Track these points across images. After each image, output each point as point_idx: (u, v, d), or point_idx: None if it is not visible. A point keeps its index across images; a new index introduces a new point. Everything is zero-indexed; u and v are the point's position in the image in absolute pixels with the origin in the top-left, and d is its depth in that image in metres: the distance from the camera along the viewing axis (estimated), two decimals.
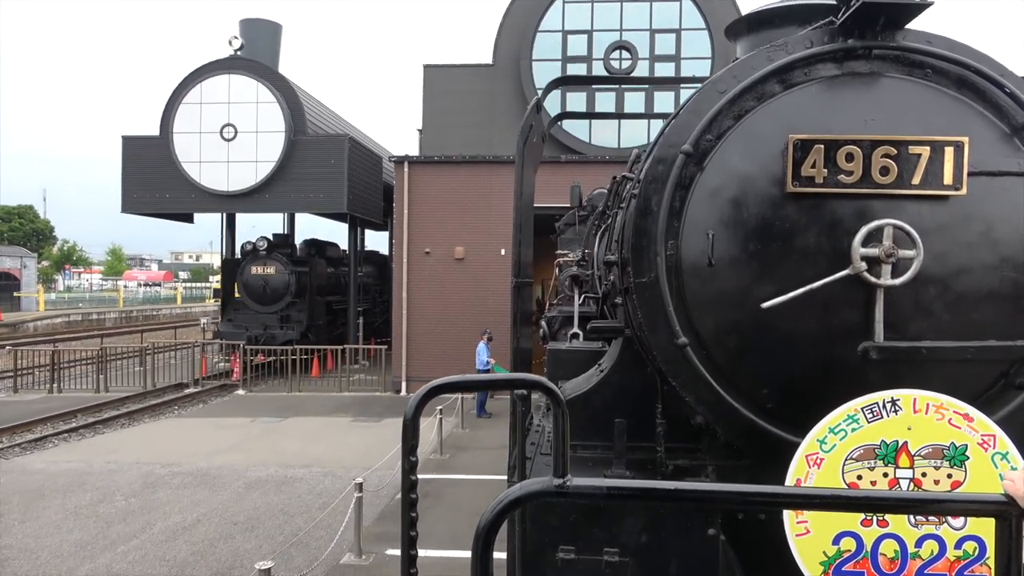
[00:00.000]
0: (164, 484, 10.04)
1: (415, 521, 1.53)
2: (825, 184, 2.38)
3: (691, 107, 2.49)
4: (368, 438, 12.90)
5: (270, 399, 17.17)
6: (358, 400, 16.97)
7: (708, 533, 2.38)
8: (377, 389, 18.01)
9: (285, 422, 14.45)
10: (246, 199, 20.43)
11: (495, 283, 17.65)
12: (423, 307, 17.98)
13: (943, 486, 2.24)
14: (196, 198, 20.48)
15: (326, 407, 16.00)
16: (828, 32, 2.47)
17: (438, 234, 17.86)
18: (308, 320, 21.66)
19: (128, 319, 41.47)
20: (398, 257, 18.21)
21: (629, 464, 2.61)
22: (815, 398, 2.34)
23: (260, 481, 10.16)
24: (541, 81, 20.47)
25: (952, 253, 2.40)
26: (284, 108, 19.93)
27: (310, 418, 14.86)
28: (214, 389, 18.19)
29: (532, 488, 1.42)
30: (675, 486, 1.60)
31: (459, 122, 20.66)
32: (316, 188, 20.18)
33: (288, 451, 11.92)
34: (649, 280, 2.49)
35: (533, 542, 2.41)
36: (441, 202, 17.88)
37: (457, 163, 18.07)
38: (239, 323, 21.11)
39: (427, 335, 17.92)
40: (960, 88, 2.47)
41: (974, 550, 2.20)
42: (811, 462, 2.28)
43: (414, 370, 17.88)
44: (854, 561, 2.22)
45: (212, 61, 20.40)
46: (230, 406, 16.41)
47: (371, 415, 15.23)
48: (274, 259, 21.48)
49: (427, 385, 1.53)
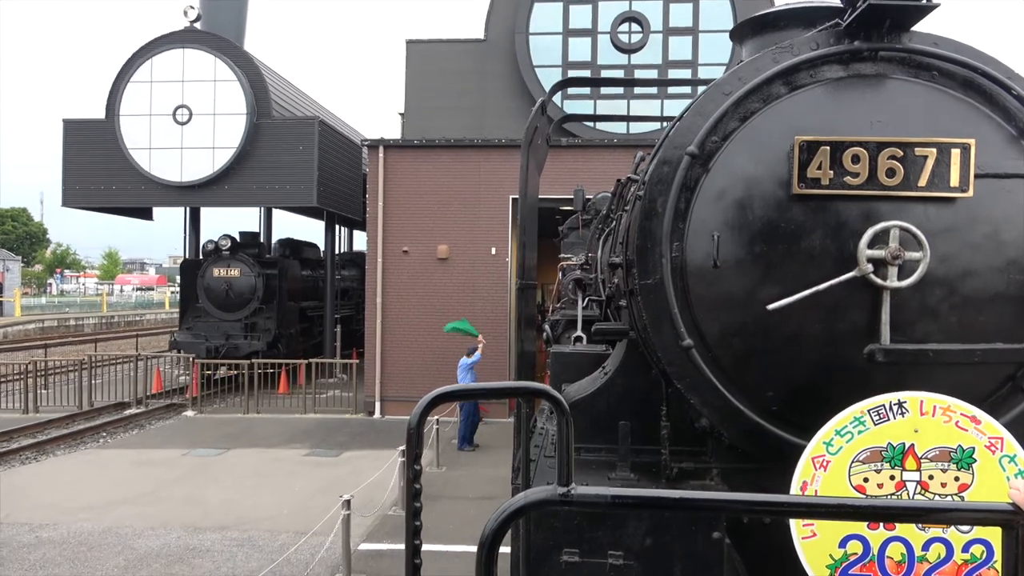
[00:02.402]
0: (14, 560, 8.67)
1: (419, 530, 1.80)
2: (831, 186, 2.76)
3: (696, 108, 2.88)
4: (317, 482, 12.04)
5: (221, 423, 16.78)
6: (323, 425, 16.62)
7: (713, 536, 2.73)
8: (348, 410, 17.76)
9: (225, 456, 13.77)
10: (202, 191, 20.50)
11: (484, 286, 17.48)
12: (401, 315, 17.66)
13: (950, 489, 2.59)
14: (146, 190, 20.53)
15: (282, 434, 15.61)
16: (834, 34, 2.86)
17: (418, 230, 17.59)
18: (277, 328, 21.73)
19: (109, 325, 43.18)
20: (372, 257, 17.93)
21: (633, 467, 3.00)
22: (821, 400, 2.71)
23: (150, 555, 8.86)
24: (539, 58, 20.52)
25: (959, 255, 2.78)
26: (246, 87, 20.04)
27: (257, 450, 14.19)
28: (160, 409, 17.99)
29: (536, 497, 1.61)
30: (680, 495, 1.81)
31: (446, 105, 20.64)
32: (282, 179, 20.21)
33: (209, 503, 10.85)
34: (654, 282, 2.86)
35: (537, 545, 2.76)
36: (422, 193, 17.60)
37: (441, 147, 17.76)
38: (198, 332, 21.21)
39: (405, 348, 17.57)
40: (967, 90, 2.86)
41: (982, 554, 2.53)
42: (817, 464, 2.63)
43: (391, 388, 17.62)
44: (861, 564, 2.54)
45: (165, 34, 20.54)
46: (169, 432, 16.04)
47: (331, 446, 14.66)
48: (239, 260, 21.50)
49: (432, 393, 1.81)
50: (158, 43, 20.50)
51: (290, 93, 23.74)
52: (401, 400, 17.40)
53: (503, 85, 20.74)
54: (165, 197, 21.07)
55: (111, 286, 73.28)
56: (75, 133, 20.90)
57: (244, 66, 20.39)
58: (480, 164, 17.45)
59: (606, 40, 20.64)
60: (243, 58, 20.60)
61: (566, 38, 20.86)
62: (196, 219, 24.90)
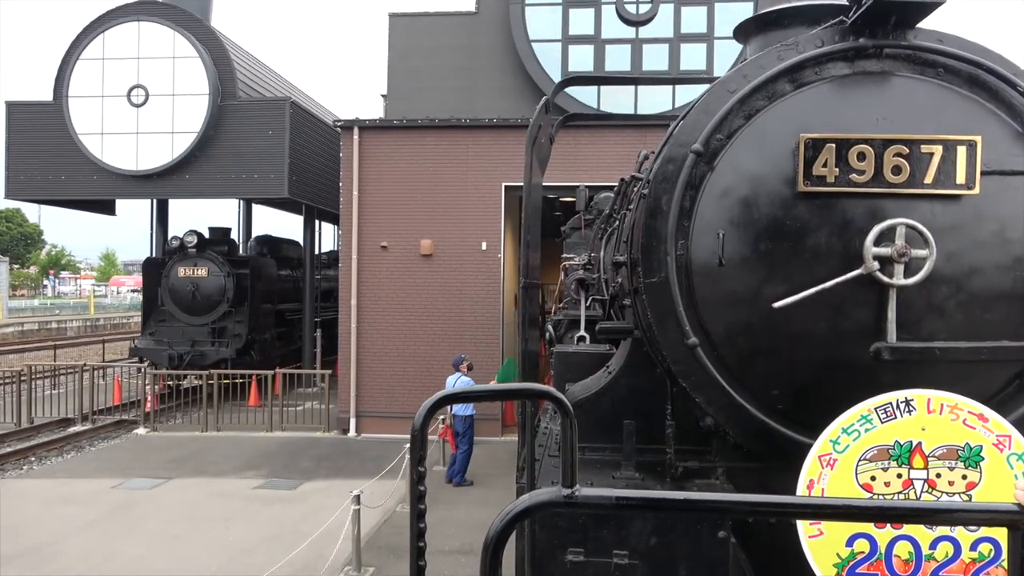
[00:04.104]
0: None
1: (423, 532, 2.06)
2: (837, 183, 3.11)
3: (701, 106, 3.24)
4: (261, 527, 11.04)
5: (173, 443, 16.31)
6: (288, 446, 16.12)
7: (719, 536, 3.07)
8: (319, 428, 17.48)
9: (161, 489, 12.95)
10: (161, 182, 20.56)
11: (475, 286, 17.24)
12: (379, 319, 17.37)
13: (958, 487, 2.92)
14: (98, 180, 20.60)
15: (238, 457, 15.05)
16: (839, 31, 3.21)
17: (399, 223, 17.33)
18: (249, 334, 21.74)
19: (95, 328, 44.75)
20: (346, 253, 17.63)
21: (638, 466, 3.37)
22: (827, 399, 3.05)
23: None
24: (536, 31, 20.17)
25: (965, 253, 3.13)
26: (208, 64, 20.13)
27: (203, 480, 13.46)
28: (109, 427, 17.73)
29: (540, 499, 1.80)
30: (685, 496, 2.04)
31: (433, 85, 20.50)
32: (250, 167, 20.25)
33: (114, 561, 9.76)
34: (659, 280, 3.22)
35: (542, 545, 3.09)
36: (403, 181, 17.35)
37: (424, 128, 17.54)
38: (161, 338, 21.21)
39: (384, 357, 17.29)
40: (972, 87, 3.22)
41: (990, 552, 2.84)
42: (824, 463, 2.96)
43: (367, 403, 17.32)
44: (868, 563, 2.86)
45: (119, 6, 20.54)
46: (109, 456, 15.45)
47: (292, 474, 13.96)
48: (207, 258, 21.56)
49: (437, 395, 2.06)
50: (111, 16, 20.53)
51: (259, 72, 23.85)
52: (379, 416, 17.23)
53: (496, 62, 20.42)
54: (119, 188, 21.08)
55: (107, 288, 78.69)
56: (19, 117, 20.99)
57: (207, 41, 20.43)
58: (469, 147, 17.29)
59: (611, 11, 20.28)
60: (206, 33, 20.62)
61: (566, 9, 20.46)
62: (164, 213, 24.90)
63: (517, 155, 16.23)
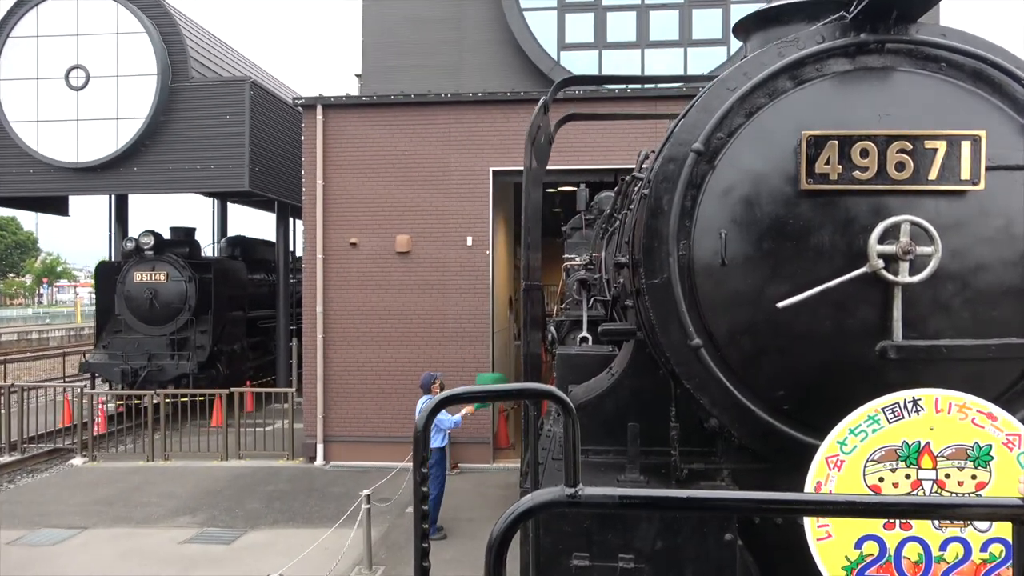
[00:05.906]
0: None
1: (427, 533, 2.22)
2: (840, 181, 3.28)
3: (701, 105, 3.37)
4: None
5: (109, 476, 14.90)
6: (240, 479, 14.64)
7: (725, 538, 3.22)
8: (283, 455, 16.20)
9: (67, 544, 11.16)
10: (105, 175, 19.57)
11: (459, 289, 16.19)
12: (349, 328, 16.29)
13: (967, 487, 3.08)
14: (35, 175, 19.54)
15: (178, 497, 13.52)
16: (840, 27, 3.36)
17: (370, 216, 16.26)
18: (215, 345, 20.89)
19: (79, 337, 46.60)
20: (309, 252, 16.52)
21: (643, 468, 3.51)
22: (833, 399, 3.21)
23: None
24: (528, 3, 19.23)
25: (971, 249, 3.28)
26: (157, 41, 19.14)
27: (124, 530, 11.74)
28: (41, 456, 16.50)
29: (543, 499, 1.89)
30: (688, 494, 2.17)
31: (413, 64, 19.57)
32: (206, 157, 19.23)
33: None
34: (661, 281, 3.38)
35: (546, 549, 3.23)
36: (375, 168, 16.30)
37: (399, 105, 16.28)
38: (115, 352, 20.31)
39: (356, 372, 16.24)
40: (976, 81, 3.37)
41: (1001, 553, 3.04)
42: (831, 464, 3.13)
43: (337, 426, 16.23)
44: (877, 565, 3.04)
45: None
46: (28, 495, 13.83)
47: (233, 521, 12.19)
48: (166, 262, 20.68)
49: (439, 395, 2.19)
50: None
51: (215, 49, 22.73)
52: (351, 441, 16.18)
53: (484, 36, 19.58)
54: (59, 183, 20.09)
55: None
56: None
57: (154, 15, 19.35)
58: (451, 126, 16.26)
59: None
60: (153, 5, 19.49)
61: None
62: (123, 212, 23.68)
63: (506, 135, 15.76)
